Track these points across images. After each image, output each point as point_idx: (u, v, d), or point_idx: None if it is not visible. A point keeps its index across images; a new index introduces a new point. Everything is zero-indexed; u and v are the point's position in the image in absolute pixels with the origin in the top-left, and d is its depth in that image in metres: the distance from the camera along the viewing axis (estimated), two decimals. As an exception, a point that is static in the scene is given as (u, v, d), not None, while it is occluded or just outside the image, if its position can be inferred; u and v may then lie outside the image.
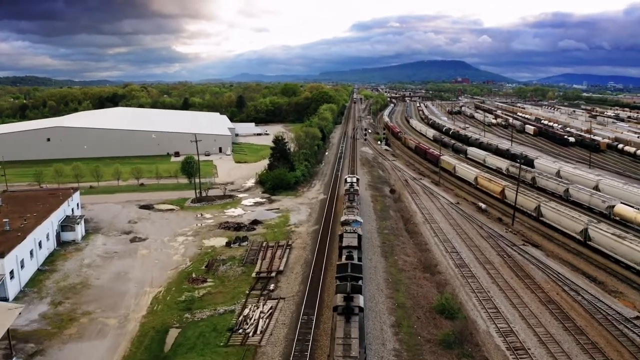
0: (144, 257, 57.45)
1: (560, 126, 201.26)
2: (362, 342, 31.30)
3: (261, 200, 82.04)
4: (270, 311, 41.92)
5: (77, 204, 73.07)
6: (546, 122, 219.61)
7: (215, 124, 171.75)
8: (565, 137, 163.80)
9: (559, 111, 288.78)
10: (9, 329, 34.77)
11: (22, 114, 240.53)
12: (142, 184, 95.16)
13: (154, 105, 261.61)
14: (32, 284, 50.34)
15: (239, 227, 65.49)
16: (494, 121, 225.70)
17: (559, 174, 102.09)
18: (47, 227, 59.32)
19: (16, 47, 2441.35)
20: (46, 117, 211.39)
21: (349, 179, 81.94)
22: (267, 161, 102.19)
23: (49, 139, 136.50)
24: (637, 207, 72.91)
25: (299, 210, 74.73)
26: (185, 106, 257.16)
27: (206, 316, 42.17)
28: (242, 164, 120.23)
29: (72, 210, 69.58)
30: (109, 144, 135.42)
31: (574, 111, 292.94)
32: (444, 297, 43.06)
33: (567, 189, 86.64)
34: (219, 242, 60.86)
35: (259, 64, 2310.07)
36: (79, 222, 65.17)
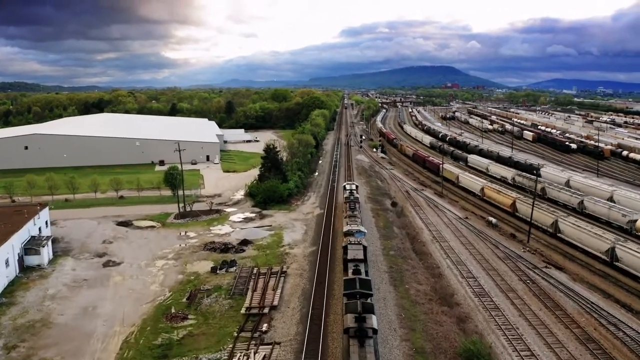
0: (117, 285, 49.90)
1: (558, 132, 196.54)
2: None
3: (251, 215, 74.66)
4: (263, 361, 34.71)
5: (46, 222, 65.25)
6: (543, 127, 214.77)
7: (203, 130, 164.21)
8: (566, 143, 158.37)
9: (554, 116, 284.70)
10: None
11: (5, 120, 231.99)
12: (121, 197, 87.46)
13: (141, 111, 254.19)
14: (-18, 321, 42.67)
15: (226, 248, 58.09)
16: (490, 127, 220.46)
17: (569, 184, 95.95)
18: (6, 252, 51.61)
19: (5, 52, 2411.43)
20: (30, 123, 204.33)
21: (348, 187, 78.00)
22: (257, 170, 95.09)
23: (26, 147, 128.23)
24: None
25: (294, 227, 67.50)
26: (172, 112, 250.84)
27: (186, 366, 34.91)
28: (230, 173, 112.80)
29: (39, 229, 61.78)
30: (90, 153, 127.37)
31: (569, 116, 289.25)
32: (470, 340, 36.11)
33: (582, 201, 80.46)
34: (204, 267, 53.45)
35: (249, 69, 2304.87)
36: (45, 244, 57.44)
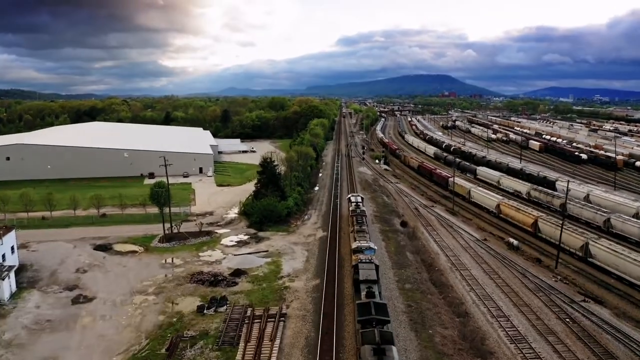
0: (85, 329, 42.07)
1: (564, 141, 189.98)
2: None
3: (245, 238, 66.66)
4: None
5: (12, 247, 57.40)
6: (548, 137, 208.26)
7: (196, 140, 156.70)
8: (576, 153, 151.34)
9: (557, 125, 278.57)
10: None
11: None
12: (103, 215, 79.60)
13: (134, 119, 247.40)
14: None
15: (215, 280, 50.20)
16: (493, 136, 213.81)
17: (588, 199, 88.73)
18: (-45, 287, 43.92)
19: (1, 60, 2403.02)
20: (20, 131, 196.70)
21: (354, 199, 74.50)
22: (253, 184, 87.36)
23: (8, 158, 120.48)
24: None
25: (294, 253, 59.68)
26: (167, 121, 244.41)
27: None
28: (224, 187, 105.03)
29: (2, 256, 54.03)
30: (76, 164, 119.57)
31: (572, 125, 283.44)
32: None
33: (609, 219, 73.22)
34: (189, 304, 45.58)
35: (246, 78, 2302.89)
36: (5, 276, 49.60)
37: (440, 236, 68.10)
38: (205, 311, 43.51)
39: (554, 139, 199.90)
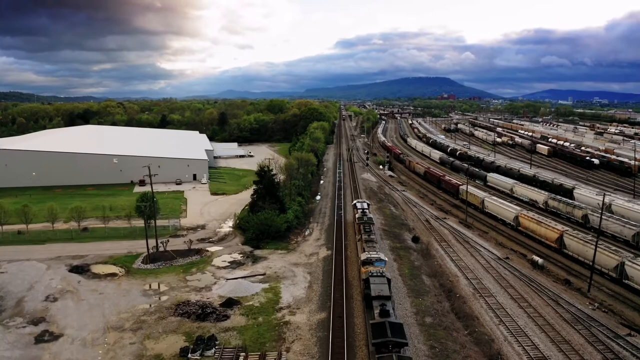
0: (45, 377, 35.13)
1: (572, 145, 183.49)
2: None
3: (240, 257, 59.56)
4: None
5: (-26, 271, 50.63)
6: (555, 140, 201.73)
7: (192, 144, 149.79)
8: (587, 158, 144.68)
9: (561, 128, 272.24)
10: None
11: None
12: (85, 229, 72.57)
13: (129, 122, 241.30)
14: None
15: (204, 313, 43.10)
16: (498, 140, 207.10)
17: (610, 209, 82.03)
18: None
19: (1, 63, 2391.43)
20: (12, 135, 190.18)
21: (359, 205, 70.78)
22: (249, 192, 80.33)
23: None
24: None
25: (294, 277, 52.60)
26: (163, 124, 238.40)
27: None
28: (219, 196, 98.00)
29: (-41, 282, 47.16)
30: (62, 171, 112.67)
31: (576, 127, 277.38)
32: None
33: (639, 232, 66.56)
34: (171, 345, 38.58)
35: (244, 80, 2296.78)
36: (-41, 308, 42.69)
37: (457, 254, 61.25)
38: (189, 355, 36.51)
39: (561, 142, 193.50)
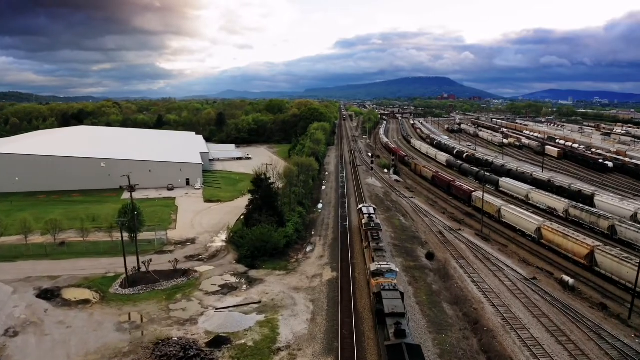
0: None
1: (582, 147, 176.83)
2: None
3: (233, 280, 52.19)
4: None
5: None
6: (562, 141, 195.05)
7: (186, 147, 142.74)
8: (600, 161, 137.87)
9: (567, 129, 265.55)
10: None
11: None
12: (62, 243, 65.53)
13: (125, 123, 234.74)
14: None
15: (186, 356, 35.62)
16: (505, 141, 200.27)
17: (637, 219, 75.25)
18: None
19: (0, 63, 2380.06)
20: (3, 136, 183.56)
21: (365, 210, 67.45)
22: (246, 199, 72.81)
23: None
24: None
25: (294, 306, 45.17)
26: (159, 124, 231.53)
27: None
28: (213, 203, 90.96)
29: None
30: (47, 176, 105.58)
31: (582, 128, 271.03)
32: None
33: (678, 248, 59.79)
34: (146, 398, 31.73)
35: (244, 80, 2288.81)
36: None
37: (478, 273, 54.31)
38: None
39: (569, 143, 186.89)
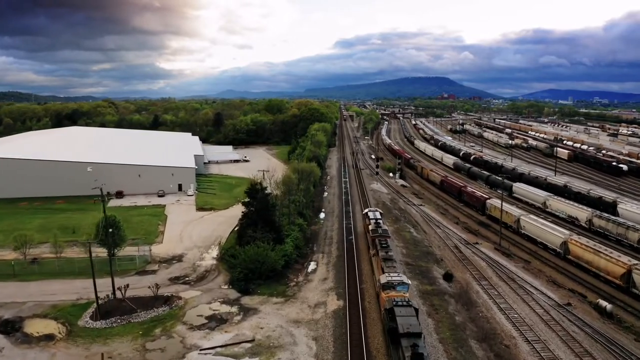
0: None
1: (591, 148, 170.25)
2: None
3: (223, 309, 44.46)
4: None
5: None
6: (570, 142, 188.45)
7: (181, 149, 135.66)
8: (614, 164, 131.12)
9: (572, 129, 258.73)
10: None
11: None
12: (34, 260, 58.54)
13: (120, 123, 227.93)
14: None
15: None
16: (511, 142, 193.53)
17: (667, 229, 68.28)
18: None
19: (0, 62, 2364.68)
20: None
21: (371, 214, 64.20)
22: (242, 207, 65.56)
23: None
24: None
25: (294, 345, 37.52)
26: (155, 125, 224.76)
27: None
28: (206, 212, 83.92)
29: None
30: (29, 181, 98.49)
31: (587, 129, 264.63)
32: None
33: None
34: None
35: (244, 80, 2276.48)
36: None
37: (504, 299, 47.41)
38: None
39: (578, 145, 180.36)
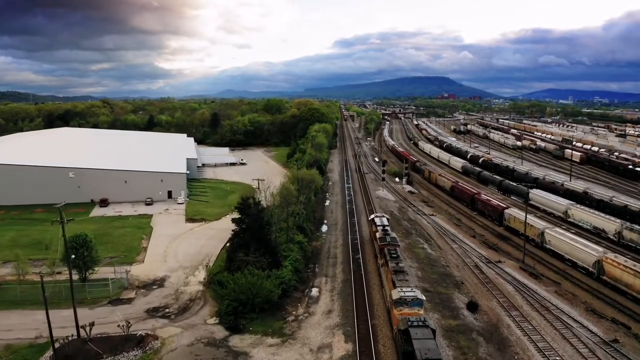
0: None
1: (603, 150, 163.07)
2: None
3: (206, 354, 36.22)
4: None
5: None
6: (579, 144, 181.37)
7: (173, 152, 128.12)
8: (630, 167, 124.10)
9: (579, 129, 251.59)
10: None
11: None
12: (-4, 284, 51.16)
13: (114, 124, 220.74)
14: None
15: None
16: (518, 143, 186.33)
17: None
18: None
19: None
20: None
21: (378, 220, 61.55)
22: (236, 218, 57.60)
23: None
24: None
25: None
26: (150, 125, 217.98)
27: None
28: (196, 223, 76.35)
29: None
30: (7, 187, 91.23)
31: (593, 129, 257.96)
32: None
33: None
34: None
35: (243, 80, 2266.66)
36: None
37: (540, 335, 40.04)
38: None
39: (588, 146, 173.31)
